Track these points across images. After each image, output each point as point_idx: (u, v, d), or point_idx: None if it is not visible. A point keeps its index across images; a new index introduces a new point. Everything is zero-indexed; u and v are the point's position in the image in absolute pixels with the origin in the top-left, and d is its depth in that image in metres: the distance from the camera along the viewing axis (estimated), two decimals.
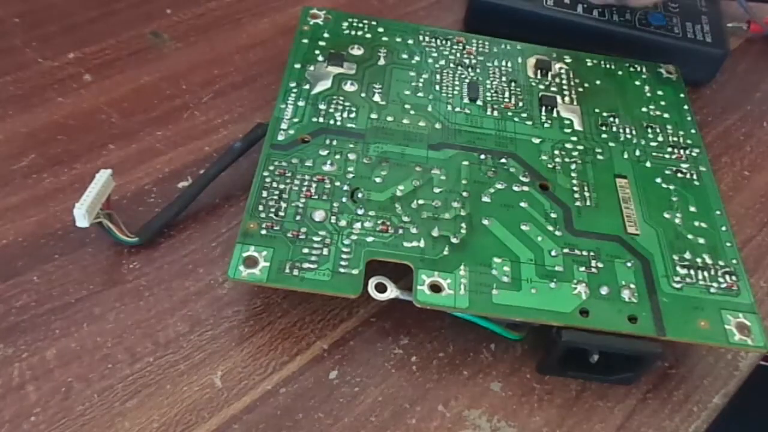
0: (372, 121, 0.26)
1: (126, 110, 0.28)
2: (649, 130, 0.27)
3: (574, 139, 0.27)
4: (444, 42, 0.30)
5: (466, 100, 0.27)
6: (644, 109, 0.28)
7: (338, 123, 0.25)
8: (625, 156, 0.26)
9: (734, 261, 0.23)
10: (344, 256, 0.21)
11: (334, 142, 0.25)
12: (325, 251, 0.21)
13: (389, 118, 0.26)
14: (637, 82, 0.30)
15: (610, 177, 0.25)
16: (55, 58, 0.29)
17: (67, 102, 0.28)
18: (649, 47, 0.32)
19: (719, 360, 0.23)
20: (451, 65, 0.29)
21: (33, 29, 0.31)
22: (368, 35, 0.29)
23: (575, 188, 0.25)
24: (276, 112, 0.25)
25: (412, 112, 0.26)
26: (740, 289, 0.22)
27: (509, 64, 0.29)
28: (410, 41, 0.30)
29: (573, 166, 0.25)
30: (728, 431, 0.24)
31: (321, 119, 0.25)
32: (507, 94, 0.28)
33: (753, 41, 0.37)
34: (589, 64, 0.30)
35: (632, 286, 0.22)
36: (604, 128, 0.27)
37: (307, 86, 0.26)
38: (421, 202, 0.23)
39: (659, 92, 0.29)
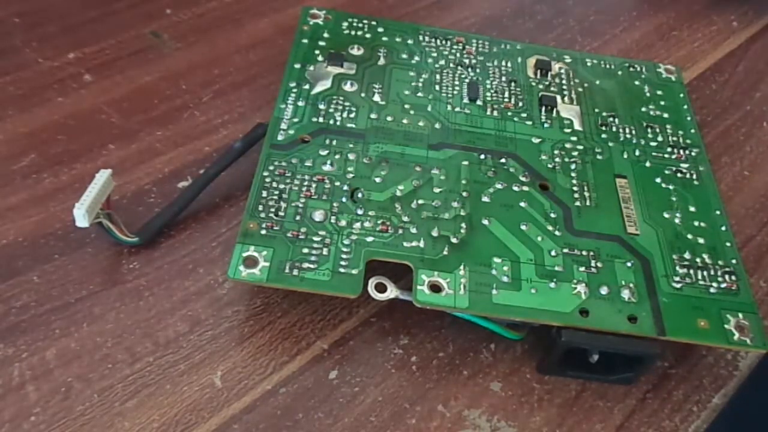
0: (372, 121, 0.26)
1: (126, 110, 0.28)
2: (649, 130, 0.27)
3: (574, 139, 0.27)
4: (444, 42, 0.30)
5: (466, 100, 0.27)
6: (644, 109, 0.28)
7: (338, 123, 0.25)
8: (625, 156, 0.26)
9: (734, 261, 0.23)
10: (344, 256, 0.21)
11: (334, 142, 0.25)
12: (325, 251, 0.21)
13: (389, 118, 0.26)
14: (637, 82, 0.30)
15: (610, 177, 0.25)
16: (55, 58, 0.29)
17: (67, 102, 0.28)
18: None
19: (719, 360, 0.23)
20: (451, 65, 0.29)
21: (33, 29, 0.31)
22: (368, 35, 0.29)
23: (575, 188, 0.25)
24: (276, 112, 0.25)
25: (412, 112, 0.26)
26: (740, 289, 0.22)
27: (509, 64, 0.29)
28: (410, 41, 0.29)
29: (573, 166, 0.25)
30: (728, 431, 0.24)
31: (321, 119, 0.25)
32: (507, 94, 0.28)
33: (753, 41, 0.37)
34: (588, 64, 0.30)
35: (632, 286, 0.22)
36: (604, 128, 0.27)
37: (307, 86, 0.26)
38: (421, 202, 0.23)
39: (659, 92, 0.29)
